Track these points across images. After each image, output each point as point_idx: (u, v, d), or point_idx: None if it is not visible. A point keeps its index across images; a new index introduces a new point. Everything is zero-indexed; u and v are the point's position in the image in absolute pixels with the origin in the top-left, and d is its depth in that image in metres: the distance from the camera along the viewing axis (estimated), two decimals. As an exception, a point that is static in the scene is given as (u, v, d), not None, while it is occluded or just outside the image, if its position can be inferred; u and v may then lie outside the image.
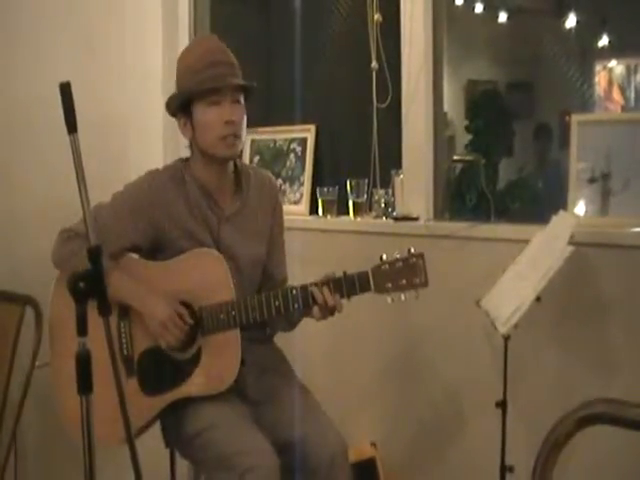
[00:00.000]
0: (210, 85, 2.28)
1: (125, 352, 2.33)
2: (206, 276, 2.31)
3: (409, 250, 2.25)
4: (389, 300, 2.24)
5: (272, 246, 2.50)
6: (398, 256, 2.25)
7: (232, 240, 2.38)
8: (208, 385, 2.27)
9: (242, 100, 2.35)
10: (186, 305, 2.30)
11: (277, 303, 2.25)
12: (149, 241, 2.34)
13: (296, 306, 2.25)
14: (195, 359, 2.29)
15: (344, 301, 2.25)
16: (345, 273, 2.25)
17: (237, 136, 2.31)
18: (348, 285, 2.24)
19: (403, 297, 2.24)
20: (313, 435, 2.25)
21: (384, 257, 2.25)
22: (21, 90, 3.21)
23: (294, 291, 2.26)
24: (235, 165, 2.43)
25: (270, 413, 2.35)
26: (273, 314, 2.26)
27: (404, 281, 2.23)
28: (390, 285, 2.23)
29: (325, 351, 3.06)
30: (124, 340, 2.33)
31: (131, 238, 2.32)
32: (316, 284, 2.25)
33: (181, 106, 2.34)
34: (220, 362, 2.27)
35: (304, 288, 2.25)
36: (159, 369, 2.31)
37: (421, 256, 2.24)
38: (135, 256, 2.38)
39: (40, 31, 3.26)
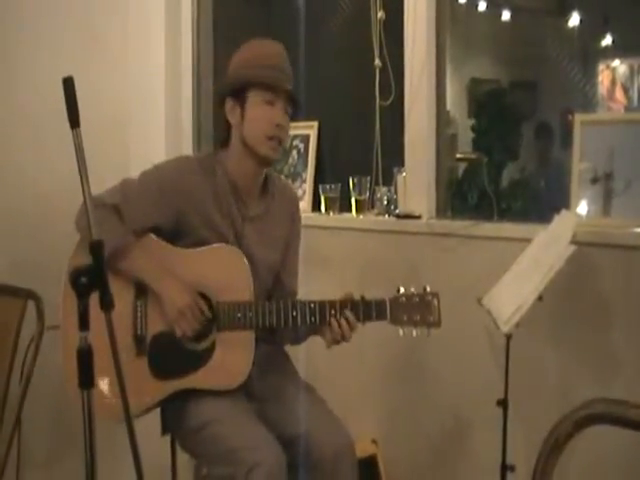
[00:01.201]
0: (276, 82, 2.30)
1: (139, 331, 2.32)
2: (227, 273, 2.31)
3: (424, 288, 2.29)
4: (400, 333, 2.27)
5: (287, 255, 2.51)
6: (414, 291, 2.28)
7: (252, 241, 2.38)
8: (218, 381, 2.28)
9: (290, 112, 2.37)
10: (204, 297, 2.30)
11: (295, 313, 2.27)
12: (171, 225, 2.33)
13: (312, 320, 2.27)
14: (208, 352, 2.29)
15: (358, 325, 2.28)
16: (363, 297, 2.28)
17: (281, 142, 2.35)
18: (365, 310, 2.27)
19: (415, 333, 2.28)
20: (319, 431, 2.25)
21: (401, 289, 2.28)
22: (24, 85, 3.21)
23: (312, 305, 2.27)
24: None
25: (275, 410, 2.35)
26: (289, 324, 2.28)
27: (418, 317, 2.27)
28: (405, 318, 2.27)
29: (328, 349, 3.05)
30: (139, 319, 2.32)
31: (154, 219, 2.32)
32: (334, 303, 2.26)
33: (235, 90, 2.35)
34: (232, 361, 2.28)
35: (322, 304, 2.27)
36: (170, 355, 2.31)
37: (436, 295, 2.28)
38: (155, 237, 2.35)
39: (43, 26, 3.26)
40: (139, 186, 2.35)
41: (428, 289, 2.29)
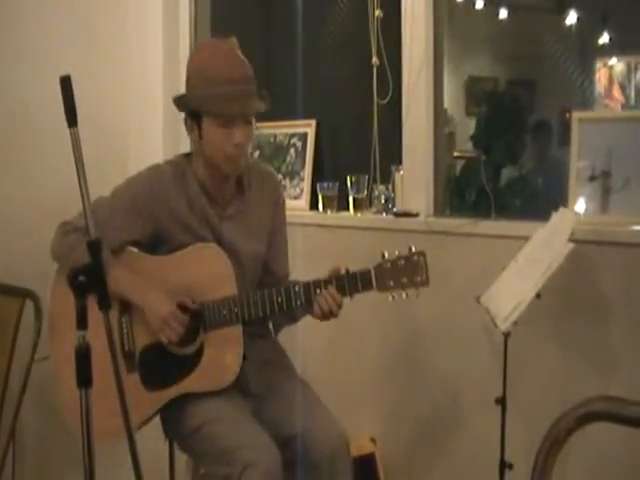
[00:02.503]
0: (225, 110, 2.23)
1: (126, 347, 2.32)
2: (208, 271, 2.31)
3: (410, 248, 2.25)
4: (390, 298, 2.24)
5: (273, 240, 2.49)
6: (400, 254, 2.25)
7: (234, 237, 2.37)
8: (210, 381, 2.27)
9: (253, 119, 2.31)
10: (185, 304, 2.29)
11: (279, 299, 2.25)
12: (149, 236, 2.33)
13: (298, 303, 2.25)
14: (197, 355, 2.29)
15: (346, 299, 2.25)
16: (347, 271, 2.25)
17: (244, 155, 2.29)
18: (350, 283, 2.24)
19: (404, 295, 2.24)
20: (315, 430, 2.25)
21: (386, 255, 2.25)
22: (22, 83, 3.20)
23: (296, 287, 2.26)
24: None
25: (272, 408, 2.35)
26: (275, 310, 2.26)
27: (405, 279, 2.23)
28: (392, 283, 2.23)
29: (325, 346, 3.06)
30: (125, 335, 2.32)
31: (131, 233, 2.32)
32: (319, 282, 2.25)
33: (190, 111, 2.30)
34: (222, 358, 2.27)
35: (306, 285, 2.25)
36: (161, 365, 2.31)
37: (422, 254, 2.25)
38: (135, 250, 2.37)
39: (42, 25, 3.26)
40: (112, 203, 2.33)
41: (413, 249, 2.25)
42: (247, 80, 2.27)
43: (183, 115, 2.35)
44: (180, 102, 2.35)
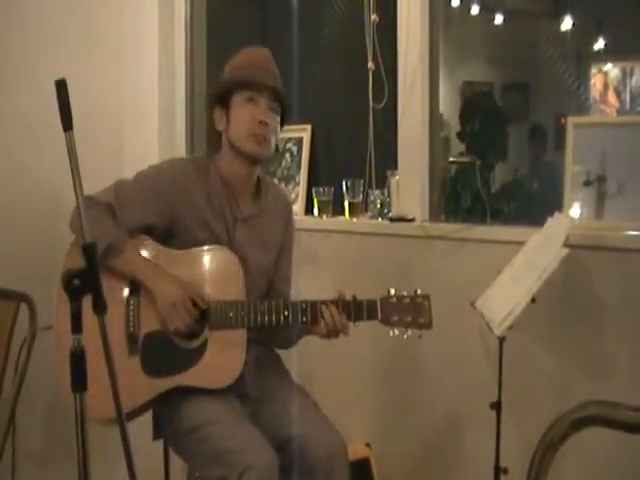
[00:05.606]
0: (256, 79, 2.34)
1: (131, 329, 2.32)
2: (219, 273, 2.33)
3: (416, 290, 2.30)
4: (391, 334, 2.28)
5: (280, 261, 2.53)
6: (405, 293, 2.30)
7: (245, 242, 2.40)
8: (209, 379, 2.28)
9: (278, 110, 2.40)
10: (196, 301, 2.30)
11: (286, 313, 2.28)
12: (165, 225, 2.35)
13: (304, 319, 2.28)
14: (200, 351, 2.29)
15: (350, 324, 2.29)
16: (354, 298, 2.29)
17: (267, 139, 2.36)
18: (356, 310, 2.28)
19: (406, 335, 2.29)
20: (312, 434, 2.26)
21: (392, 291, 2.30)
22: (18, 86, 3.20)
23: (304, 305, 2.28)
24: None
25: (268, 412, 2.35)
26: (280, 323, 2.28)
27: (409, 318, 2.28)
28: (396, 318, 2.28)
29: (320, 351, 3.05)
30: (132, 317, 2.32)
31: (148, 218, 2.33)
32: (326, 302, 2.28)
33: (220, 97, 2.39)
34: (224, 359, 2.29)
35: (314, 303, 2.28)
36: (162, 353, 2.31)
37: (427, 297, 2.30)
38: (149, 239, 2.36)
39: (38, 28, 3.25)
40: (134, 186, 2.36)
41: (419, 291, 2.30)
42: (273, 73, 2.41)
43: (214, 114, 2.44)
44: (211, 91, 2.48)
